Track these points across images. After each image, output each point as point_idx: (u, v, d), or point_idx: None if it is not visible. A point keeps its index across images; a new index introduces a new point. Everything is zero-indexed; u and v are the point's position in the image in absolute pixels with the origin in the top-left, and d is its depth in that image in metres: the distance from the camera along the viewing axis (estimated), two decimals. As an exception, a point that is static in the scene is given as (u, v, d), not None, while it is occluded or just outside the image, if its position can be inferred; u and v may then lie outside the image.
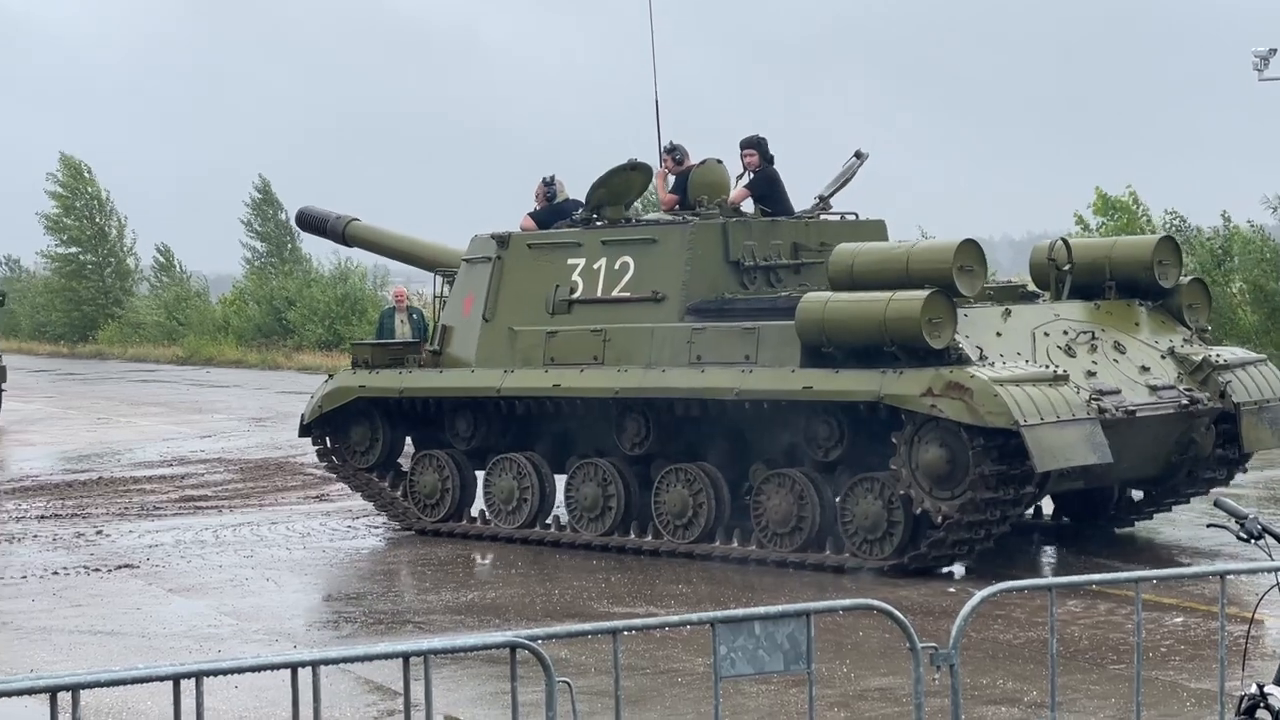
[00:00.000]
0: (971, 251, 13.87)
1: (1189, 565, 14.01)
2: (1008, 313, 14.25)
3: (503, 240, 16.51)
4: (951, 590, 13.08)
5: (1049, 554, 15.17)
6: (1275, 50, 25.03)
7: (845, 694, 10.05)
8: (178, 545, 16.61)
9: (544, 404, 15.96)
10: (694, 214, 15.81)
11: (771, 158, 16.26)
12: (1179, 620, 11.82)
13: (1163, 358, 14.63)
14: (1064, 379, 13.55)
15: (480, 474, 16.79)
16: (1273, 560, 6.23)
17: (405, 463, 17.54)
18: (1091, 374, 13.98)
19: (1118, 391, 13.88)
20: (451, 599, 13.72)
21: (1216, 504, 6.57)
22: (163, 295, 61.76)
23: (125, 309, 62.08)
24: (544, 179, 17.47)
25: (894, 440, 13.61)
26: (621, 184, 16.43)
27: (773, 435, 14.81)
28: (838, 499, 14.36)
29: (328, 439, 17.55)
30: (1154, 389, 14.18)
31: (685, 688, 10.28)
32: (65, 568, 15.41)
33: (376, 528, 17.20)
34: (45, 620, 13.10)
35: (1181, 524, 16.32)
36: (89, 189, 63.46)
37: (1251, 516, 6.37)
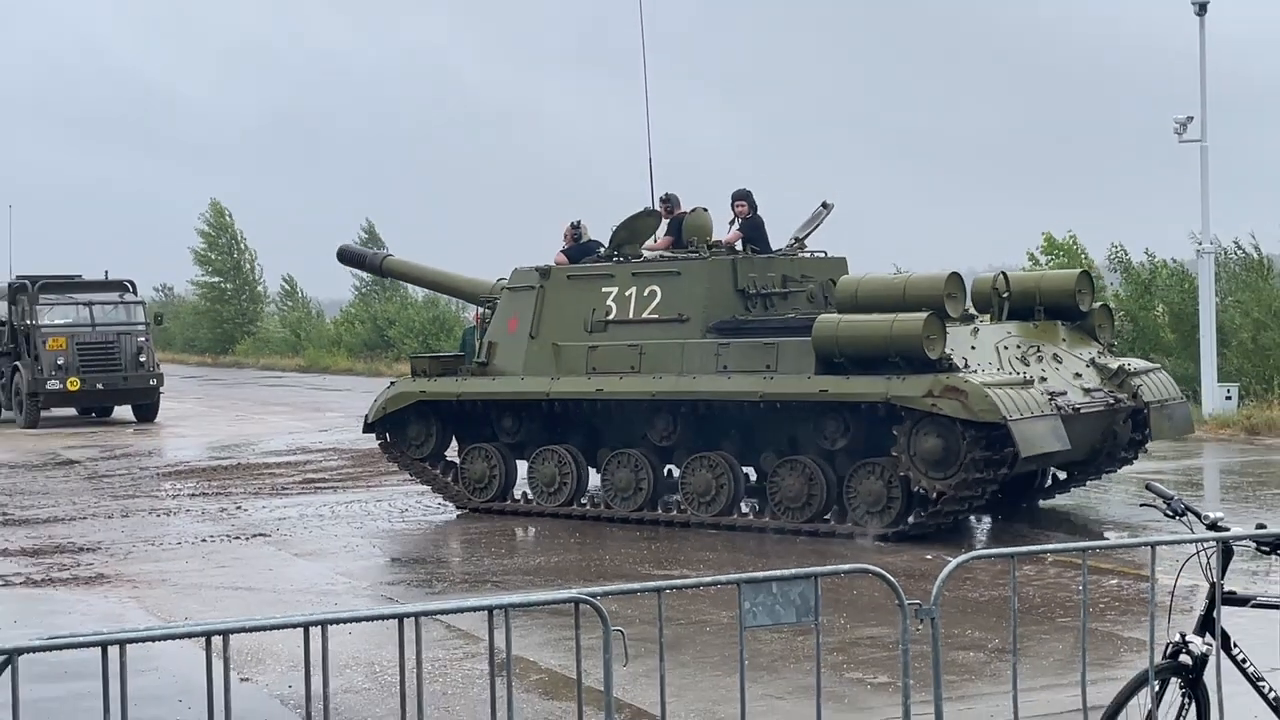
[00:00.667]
0: (956, 281, 14.13)
1: (1124, 537, 13.94)
2: (976, 330, 14.40)
3: (544, 272, 16.55)
4: (929, 557, 13.02)
5: (997, 525, 15.09)
6: (1192, 118, 24.87)
7: (844, 641, 10.05)
8: (301, 518, 16.67)
9: (580, 404, 15.97)
10: (694, 252, 15.89)
11: (756, 206, 16.42)
12: (1114, 582, 11.76)
13: (1087, 366, 14.87)
14: (1030, 383, 13.84)
15: (520, 464, 16.79)
16: (1193, 534, 6.21)
17: (449, 454, 17.52)
18: (1043, 379, 14.12)
19: (1065, 393, 14.07)
20: (522, 562, 13.74)
21: (1148, 487, 6.54)
22: (287, 316, 61.98)
23: (257, 327, 62.33)
24: (572, 223, 17.48)
25: (895, 433, 13.65)
26: (639, 226, 16.64)
27: (781, 429, 14.83)
28: (844, 479, 14.37)
29: (388, 435, 17.57)
30: (1087, 391, 14.47)
31: (713, 635, 10.30)
32: (211, 536, 15.50)
33: (463, 507, 17.20)
34: (196, 578, 13.18)
35: (1114, 504, 16.28)
36: (230, 229, 63.75)
37: (1176, 498, 6.35)
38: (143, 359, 31.11)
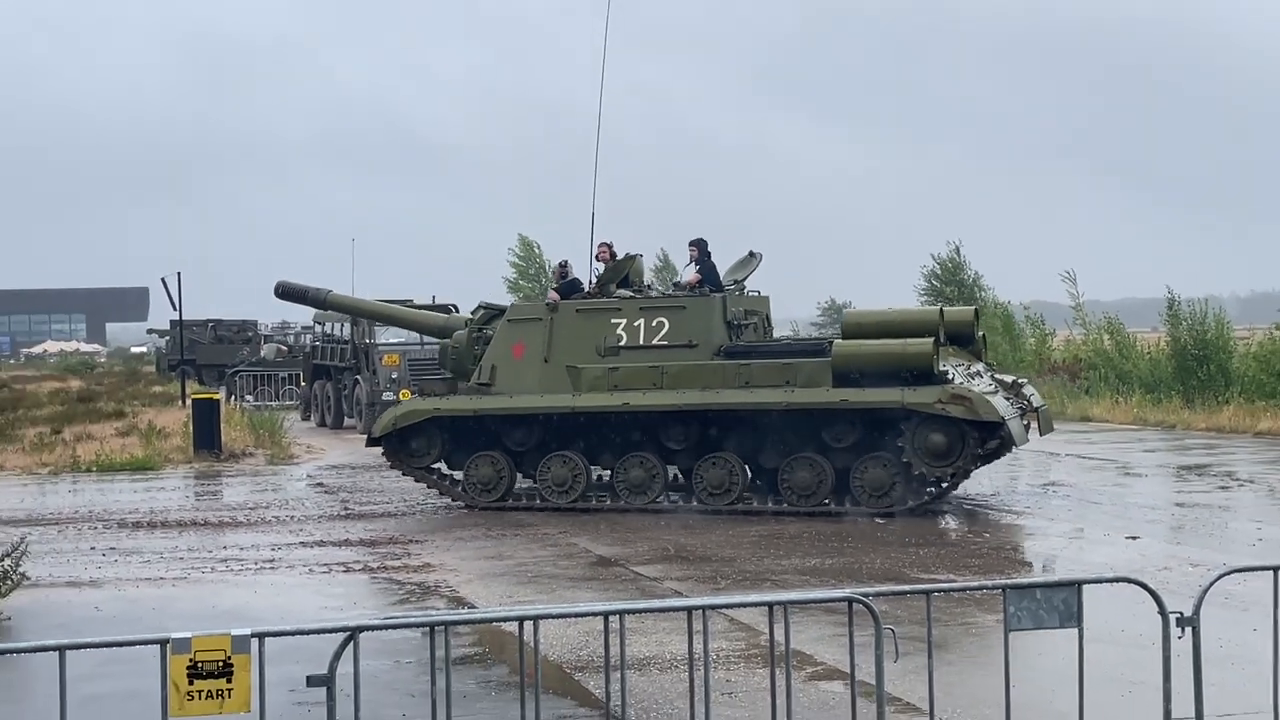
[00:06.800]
0: (940, 314, 16.64)
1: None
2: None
3: (553, 306, 17.72)
4: (1167, 568, 12.44)
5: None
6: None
7: (1102, 646, 9.66)
8: (603, 512, 16.89)
9: (589, 416, 17.16)
10: (696, 291, 17.49)
11: (710, 253, 17.82)
12: None
13: (994, 380, 16.94)
14: (996, 391, 16.11)
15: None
16: None
17: (441, 465, 18.28)
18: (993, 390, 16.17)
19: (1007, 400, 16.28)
20: (799, 563, 13.64)
21: None
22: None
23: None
24: (560, 262, 19.11)
25: (903, 429, 15.83)
26: (623, 269, 18.10)
27: (782, 433, 16.56)
28: (846, 471, 16.38)
29: (391, 447, 18.24)
30: (1006, 399, 16.43)
31: (979, 636, 10.06)
32: (522, 529, 15.85)
33: (467, 505, 17.16)
34: (510, 566, 13.51)
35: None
36: (538, 260, 65.23)
37: None
38: (464, 373, 32.09)
